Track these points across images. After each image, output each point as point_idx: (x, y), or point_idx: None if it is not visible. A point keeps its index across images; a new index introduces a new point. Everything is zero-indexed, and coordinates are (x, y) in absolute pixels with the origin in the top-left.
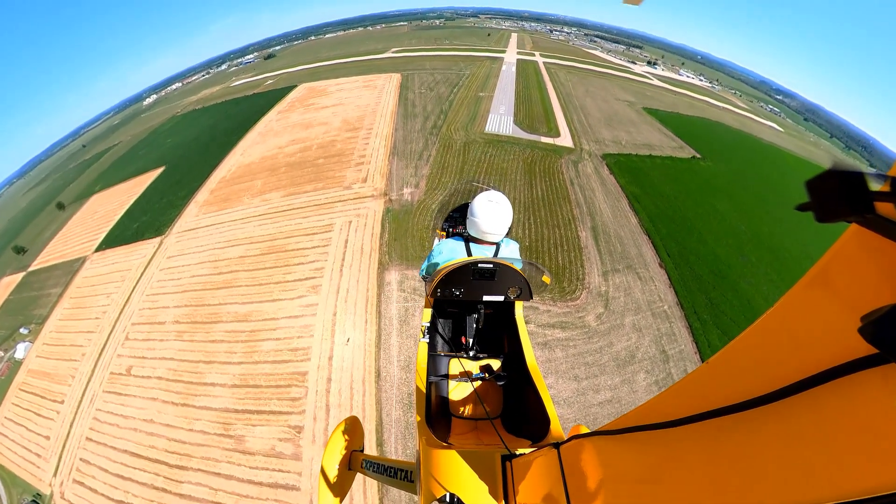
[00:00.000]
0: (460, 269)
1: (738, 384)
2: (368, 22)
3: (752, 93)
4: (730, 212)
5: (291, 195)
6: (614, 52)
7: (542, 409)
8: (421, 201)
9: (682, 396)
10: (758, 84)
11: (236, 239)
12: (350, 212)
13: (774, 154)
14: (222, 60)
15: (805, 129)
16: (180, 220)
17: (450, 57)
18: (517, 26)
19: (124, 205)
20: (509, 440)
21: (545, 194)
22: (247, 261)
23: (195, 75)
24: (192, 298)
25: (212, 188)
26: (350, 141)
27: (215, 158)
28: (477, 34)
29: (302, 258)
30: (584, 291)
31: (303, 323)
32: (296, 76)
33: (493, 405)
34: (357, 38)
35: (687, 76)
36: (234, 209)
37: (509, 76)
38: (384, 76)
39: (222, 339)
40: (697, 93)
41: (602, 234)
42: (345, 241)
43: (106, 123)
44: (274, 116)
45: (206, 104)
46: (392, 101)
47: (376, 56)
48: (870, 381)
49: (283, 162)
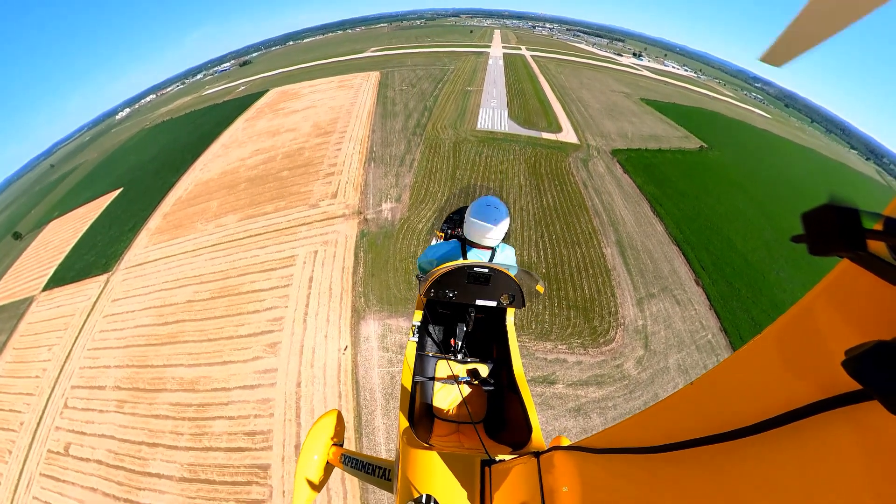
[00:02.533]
0: (455, 271)
1: (722, 410)
2: (348, 26)
3: (734, 81)
4: (748, 207)
5: (249, 218)
6: (598, 45)
7: (524, 417)
8: (404, 220)
9: (665, 418)
10: (736, 73)
11: (185, 278)
12: (316, 238)
13: (770, 141)
14: (199, 70)
15: (788, 114)
16: (129, 253)
17: (432, 53)
18: (499, 24)
19: (78, 232)
20: (490, 446)
21: (557, 202)
22: (195, 307)
23: (170, 86)
24: (134, 356)
25: (165, 212)
26: (320, 147)
27: (174, 176)
28: (459, 31)
29: (257, 304)
30: (618, 330)
31: (260, 396)
32: (269, 80)
33: (477, 410)
34: (336, 41)
35: (672, 67)
36: (185, 238)
37: (497, 69)
38: (361, 75)
39: (167, 413)
40: (685, 82)
41: (629, 248)
42: (309, 278)
43: (78, 140)
44: (240, 125)
45: (175, 115)
46: (369, 101)
47: (354, 56)
48: (853, 416)
49: (244, 177)
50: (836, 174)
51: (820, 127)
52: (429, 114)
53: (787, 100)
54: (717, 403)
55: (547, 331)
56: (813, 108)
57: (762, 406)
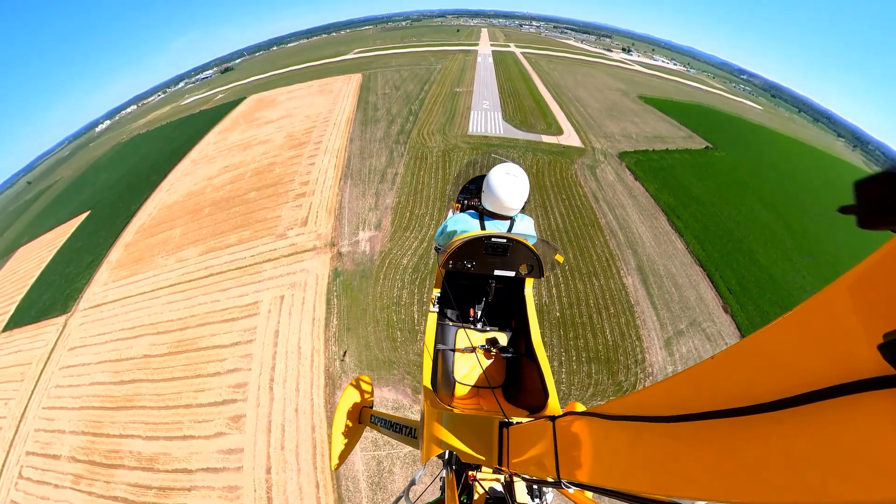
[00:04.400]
0: (473, 242)
1: (741, 386)
2: (334, 29)
3: (721, 74)
4: (762, 212)
5: (211, 252)
6: (587, 41)
7: (541, 383)
8: (385, 254)
9: (681, 390)
10: (721, 66)
11: (142, 325)
12: (283, 279)
13: (767, 136)
14: (181, 78)
15: (775, 105)
16: (88, 291)
17: (418, 53)
18: (486, 23)
19: (43, 262)
20: (508, 409)
21: (567, 221)
22: (151, 364)
23: (152, 96)
24: (90, 422)
25: (128, 241)
26: (292, 162)
27: (139, 198)
28: (446, 31)
29: (218, 364)
30: (646, 382)
31: (225, 482)
32: (247, 88)
33: (496, 375)
34: (320, 44)
35: (662, 61)
36: (144, 275)
37: (487, 68)
38: (342, 78)
39: (125, 496)
40: (676, 76)
41: (651, 274)
42: (274, 332)
43: (58, 154)
44: (212, 138)
45: (151, 127)
46: (349, 106)
47: (337, 58)
48: (879, 401)
49: (209, 199)
50: (832, 166)
51: (807, 116)
52: (414, 118)
53: (772, 90)
54: (736, 379)
55: (565, 393)
56: (798, 98)
57: (783, 384)
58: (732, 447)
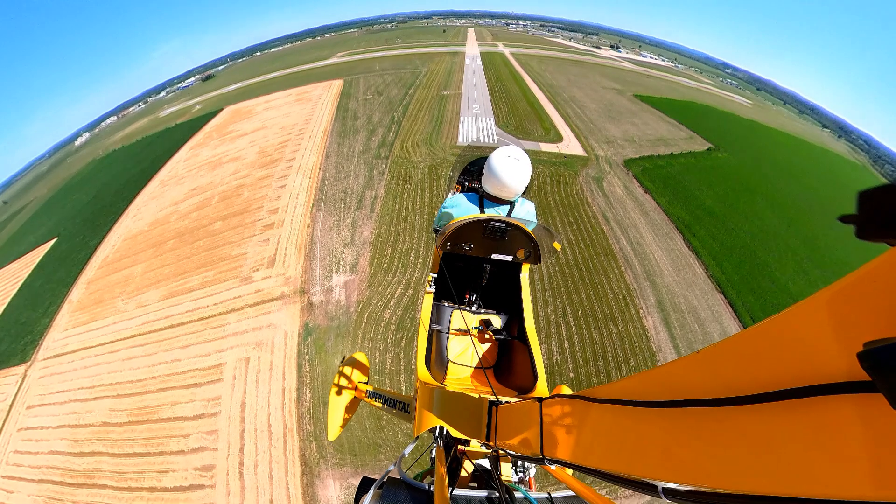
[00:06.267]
0: (472, 224)
1: (724, 380)
2: (318, 33)
3: (706, 69)
4: (773, 218)
5: (172, 297)
6: (575, 39)
7: (532, 366)
8: (363, 305)
9: (665, 380)
10: (706, 61)
11: (101, 385)
12: (248, 335)
13: (761, 131)
14: (162, 88)
15: (762, 98)
16: (48, 336)
17: (403, 56)
18: (472, 23)
19: (7, 296)
20: (498, 389)
21: (577, 251)
22: (111, 434)
23: (133, 106)
24: (49, 497)
25: (90, 278)
26: (261, 184)
27: (106, 225)
28: (432, 32)
29: (181, 440)
30: None
31: None
32: (226, 97)
33: (488, 357)
34: (303, 49)
35: (650, 57)
36: (104, 321)
37: (475, 69)
38: (322, 84)
39: None
40: (666, 72)
41: (672, 310)
42: (241, 404)
43: (36, 169)
44: (184, 154)
45: (127, 142)
46: (327, 115)
47: (318, 63)
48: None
49: (173, 230)
50: (828, 161)
51: (793, 108)
52: (397, 127)
53: (757, 83)
54: (718, 373)
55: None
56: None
57: (763, 380)
58: (707, 433)
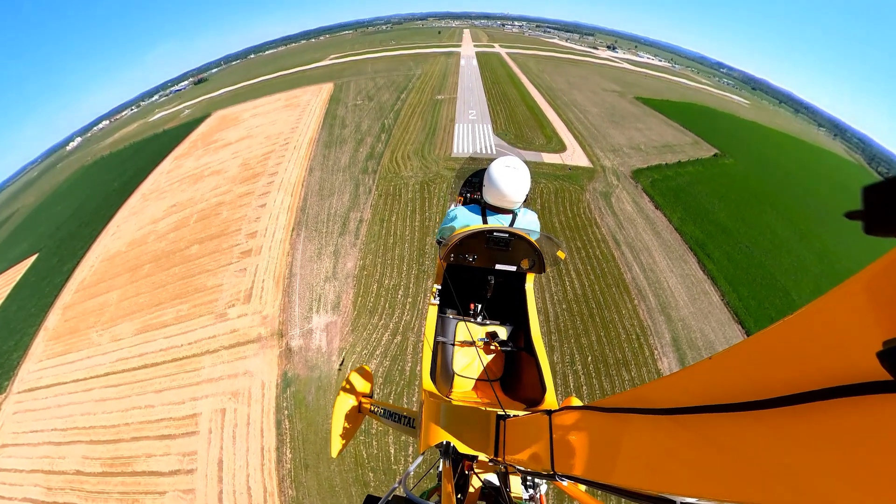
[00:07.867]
0: (475, 235)
1: (740, 384)
2: (313, 35)
3: (702, 69)
4: (785, 230)
5: (147, 331)
6: (571, 40)
7: (539, 377)
8: (347, 352)
9: (679, 386)
10: (701, 60)
11: (75, 427)
12: (223, 382)
13: (762, 132)
14: (156, 91)
15: (759, 98)
16: (23, 367)
17: (396, 57)
18: (467, 24)
19: None
20: (506, 402)
21: (587, 282)
22: (85, 485)
23: (125, 110)
24: None
25: (66, 302)
26: (241, 202)
27: (86, 242)
28: (426, 33)
29: (157, 497)
30: None
31: None
32: (216, 101)
33: (495, 369)
34: (297, 51)
35: (647, 58)
36: (78, 353)
37: (471, 71)
38: (313, 88)
39: None
40: (663, 73)
41: (689, 348)
42: (218, 461)
43: (27, 175)
44: (168, 166)
45: (114, 149)
46: (314, 123)
47: (311, 66)
48: (873, 405)
49: (150, 252)
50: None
51: (789, 108)
52: (387, 136)
53: (752, 83)
54: (734, 377)
55: None
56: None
57: (779, 384)
58: (726, 441)
